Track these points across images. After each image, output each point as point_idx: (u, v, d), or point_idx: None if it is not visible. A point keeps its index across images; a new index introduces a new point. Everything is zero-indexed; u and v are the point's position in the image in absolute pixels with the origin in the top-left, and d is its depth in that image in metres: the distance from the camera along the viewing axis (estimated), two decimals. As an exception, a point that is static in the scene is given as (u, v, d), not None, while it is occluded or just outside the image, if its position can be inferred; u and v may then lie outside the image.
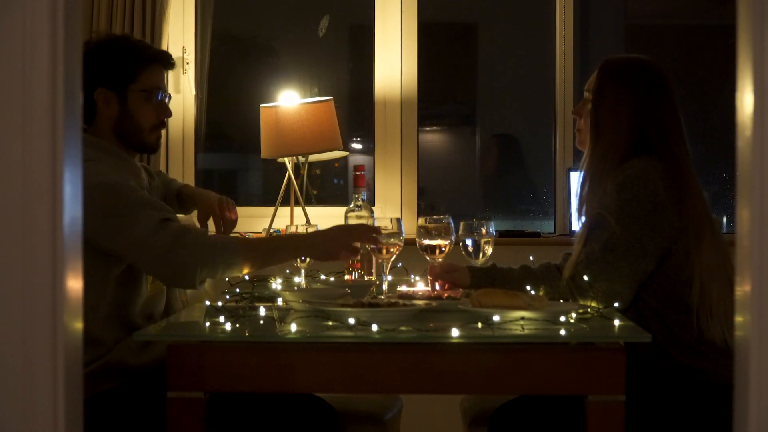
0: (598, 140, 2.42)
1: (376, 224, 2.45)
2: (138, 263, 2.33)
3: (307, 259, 2.58)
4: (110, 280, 2.36)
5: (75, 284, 1.33)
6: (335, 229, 2.40)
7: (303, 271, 2.63)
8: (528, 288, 2.36)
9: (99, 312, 2.34)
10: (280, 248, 2.40)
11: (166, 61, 2.56)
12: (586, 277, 2.28)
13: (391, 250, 2.45)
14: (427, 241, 2.50)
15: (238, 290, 2.50)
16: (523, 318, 1.99)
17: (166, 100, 2.56)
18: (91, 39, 2.56)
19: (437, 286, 2.45)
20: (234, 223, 2.72)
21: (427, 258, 2.51)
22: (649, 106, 2.39)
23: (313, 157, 3.97)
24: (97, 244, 2.29)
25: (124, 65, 2.49)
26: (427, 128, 4.62)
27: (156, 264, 2.29)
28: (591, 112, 2.44)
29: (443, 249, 2.50)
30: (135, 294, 2.42)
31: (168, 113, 2.56)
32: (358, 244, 2.38)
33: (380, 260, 2.47)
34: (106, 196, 2.28)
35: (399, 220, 2.49)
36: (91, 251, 2.30)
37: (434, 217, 2.52)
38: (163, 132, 2.60)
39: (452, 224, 2.52)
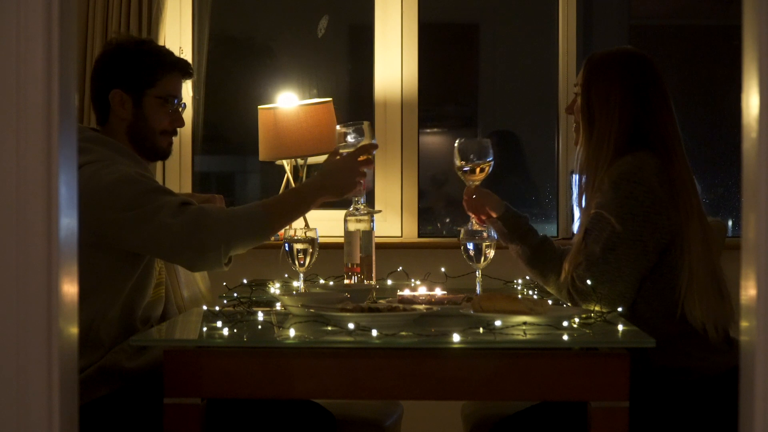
0: (591, 133, 2.41)
1: (347, 131, 2.48)
2: (160, 252, 2.32)
3: (306, 262, 2.55)
4: (126, 287, 2.36)
5: (70, 288, 1.32)
6: (340, 162, 2.41)
7: (302, 275, 2.61)
8: (540, 259, 2.43)
9: (108, 315, 2.34)
10: (300, 201, 2.39)
11: (185, 70, 2.55)
12: (588, 282, 2.27)
13: (485, 168, 2.51)
14: (466, 167, 2.51)
15: (236, 295, 2.48)
16: (525, 323, 1.98)
17: (181, 109, 2.55)
18: (113, 40, 2.57)
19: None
20: None
21: (466, 181, 2.52)
22: (639, 97, 2.38)
23: (311, 160, 3.95)
24: (119, 243, 2.29)
25: (144, 70, 2.48)
26: (428, 130, 4.60)
27: (178, 249, 2.27)
28: (581, 105, 2.43)
29: (483, 169, 2.50)
30: (141, 299, 2.41)
31: (181, 122, 2.55)
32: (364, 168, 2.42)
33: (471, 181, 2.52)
34: (126, 190, 2.28)
35: (370, 124, 2.52)
36: (113, 255, 2.30)
37: (475, 139, 2.52)
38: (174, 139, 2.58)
39: (489, 147, 2.53)
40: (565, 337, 1.91)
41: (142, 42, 2.57)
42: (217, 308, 2.24)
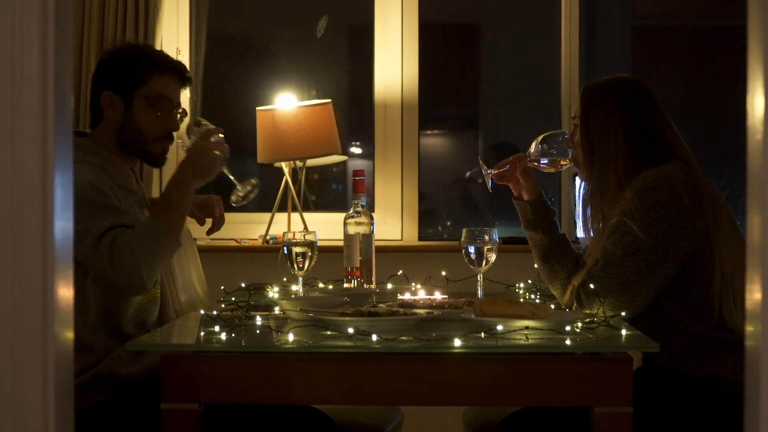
0: (592, 163, 2.43)
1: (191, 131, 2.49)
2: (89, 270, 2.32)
3: (306, 266, 2.54)
4: (88, 282, 2.32)
5: (66, 292, 1.30)
6: (195, 147, 2.42)
7: (301, 279, 2.60)
8: (555, 254, 2.45)
9: (87, 318, 2.31)
10: (180, 195, 2.36)
11: (180, 73, 2.53)
12: (592, 285, 2.26)
13: (563, 163, 2.53)
14: (544, 161, 2.53)
15: (234, 299, 2.47)
16: (527, 327, 1.97)
17: (178, 115, 2.52)
18: (111, 46, 2.57)
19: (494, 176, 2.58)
20: (222, 219, 2.69)
21: (532, 163, 2.53)
22: (638, 118, 2.41)
23: (311, 162, 3.93)
24: None
25: (133, 70, 2.47)
26: (429, 132, 4.59)
27: (108, 277, 2.27)
28: (581, 136, 2.45)
29: (561, 164, 2.54)
30: (123, 300, 2.37)
31: (175, 126, 2.52)
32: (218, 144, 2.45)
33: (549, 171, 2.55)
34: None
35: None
36: None
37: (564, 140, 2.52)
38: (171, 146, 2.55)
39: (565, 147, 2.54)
40: (568, 342, 1.90)
41: (136, 45, 2.58)
42: (214, 312, 2.24)
